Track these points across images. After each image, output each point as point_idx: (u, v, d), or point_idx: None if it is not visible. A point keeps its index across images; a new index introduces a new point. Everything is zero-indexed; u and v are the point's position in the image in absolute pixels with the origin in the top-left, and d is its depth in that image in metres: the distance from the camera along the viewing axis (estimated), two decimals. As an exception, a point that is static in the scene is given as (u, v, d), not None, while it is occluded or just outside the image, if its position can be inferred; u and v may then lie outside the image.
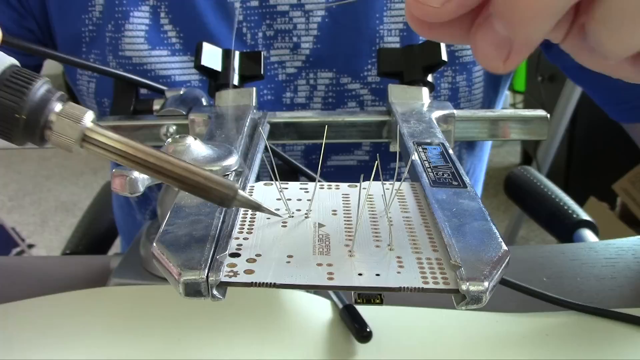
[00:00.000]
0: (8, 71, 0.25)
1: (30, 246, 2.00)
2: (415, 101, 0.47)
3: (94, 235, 0.89)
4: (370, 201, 0.31)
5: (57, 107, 0.26)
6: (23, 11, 0.61)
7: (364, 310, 0.43)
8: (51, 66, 0.73)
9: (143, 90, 0.53)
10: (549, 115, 0.47)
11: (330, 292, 0.46)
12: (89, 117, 0.26)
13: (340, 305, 0.44)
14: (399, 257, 0.25)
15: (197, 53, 0.48)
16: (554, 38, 0.26)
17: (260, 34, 0.59)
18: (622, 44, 0.23)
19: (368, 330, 0.42)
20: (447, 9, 0.24)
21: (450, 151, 0.36)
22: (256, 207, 0.27)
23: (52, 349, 0.42)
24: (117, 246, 0.93)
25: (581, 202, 1.21)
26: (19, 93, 0.25)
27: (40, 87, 0.26)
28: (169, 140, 0.32)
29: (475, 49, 0.25)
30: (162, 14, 0.59)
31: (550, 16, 0.23)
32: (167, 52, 0.59)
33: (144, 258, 0.51)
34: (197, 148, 0.32)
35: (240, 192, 0.27)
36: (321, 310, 0.45)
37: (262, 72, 0.49)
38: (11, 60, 0.26)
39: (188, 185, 0.26)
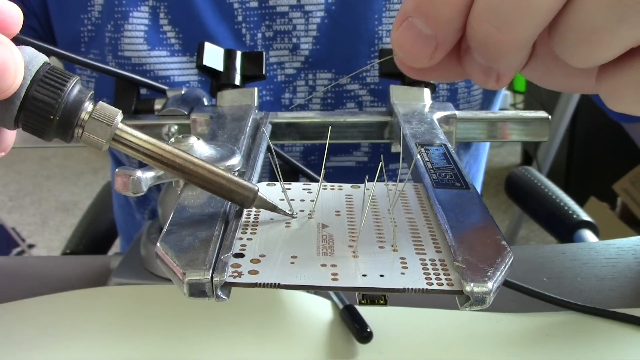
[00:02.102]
0: (42, 69, 0.25)
1: (31, 246, 1.99)
2: (416, 102, 0.47)
3: (94, 235, 0.89)
4: (374, 202, 0.31)
5: (89, 107, 0.26)
6: (25, 9, 0.61)
7: (364, 311, 0.43)
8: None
9: (144, 90, 0.53)
10: (550, 117, 0.47)
11: (331, 293, 0.46)
12: (119, 118, 0.27)
13: (341, 306, 0.44)
14: (402, 258, 0.25)
15: (199, 53, 0.48)
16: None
17: (259, 35, 0.59)
18: (585, 62, 0.23)
19: (368, 330, 0.42)
20: (435, 60, 0.25)
21: (453, 152, 0.36)
22: (272, 207, 0.29)
23: (52, 349, 0.42)
24: (117, 246, 0.93)
25: (581, 202, 1.21)
26: (55, 93, 0.25)
27: (74, 87, 0.26)
28: (172, 140, 0.32)
29: (468, 75, 0.27)
30: (162, 15, 0.59)
31: (522, 48, 0.24)
32: (166, 52, 0.59)
33: (144, 258, 0.51)
34: (200, 148, 0.32)
35: (259, 193, 0.28)
36: (322, 310, 0.45)
37: (263, 72, 0.49)
38: (44, 58, 0.26)
39: (212, 186, 0.28)
